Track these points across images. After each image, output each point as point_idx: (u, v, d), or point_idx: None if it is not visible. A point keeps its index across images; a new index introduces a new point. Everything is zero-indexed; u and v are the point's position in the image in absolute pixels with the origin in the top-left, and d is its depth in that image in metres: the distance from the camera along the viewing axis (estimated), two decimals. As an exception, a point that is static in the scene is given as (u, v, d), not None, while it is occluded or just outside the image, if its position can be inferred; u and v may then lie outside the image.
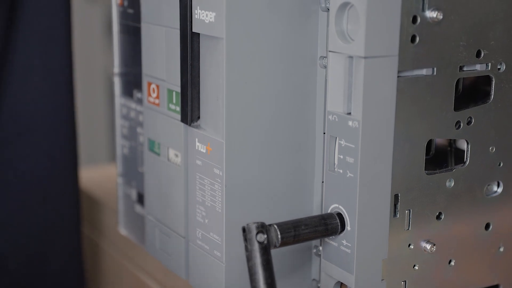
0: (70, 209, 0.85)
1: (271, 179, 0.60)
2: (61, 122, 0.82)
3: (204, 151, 0.60)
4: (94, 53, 2.14)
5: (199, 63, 0.60)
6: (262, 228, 0.53)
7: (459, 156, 0.61)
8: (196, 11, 0.58)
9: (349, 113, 0.54)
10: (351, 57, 0.53)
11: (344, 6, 0.53)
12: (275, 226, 0.54)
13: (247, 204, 0.59)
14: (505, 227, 0.63)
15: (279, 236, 0.54)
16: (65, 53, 0.79)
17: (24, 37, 0.75)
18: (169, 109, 0.64)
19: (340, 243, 0.56)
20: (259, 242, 0.52)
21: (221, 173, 0.58)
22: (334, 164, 0.56)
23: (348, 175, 0.55)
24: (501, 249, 0.63)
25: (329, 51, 0.55)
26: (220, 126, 0.58)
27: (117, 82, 0.74)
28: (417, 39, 0.54)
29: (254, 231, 0.53)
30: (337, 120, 0.55)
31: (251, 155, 0.59)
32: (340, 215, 0.56)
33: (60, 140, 0.82)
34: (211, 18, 0.57)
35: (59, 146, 0.82)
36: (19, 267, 0.83)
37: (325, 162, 0.57)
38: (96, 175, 1.03)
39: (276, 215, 0.60)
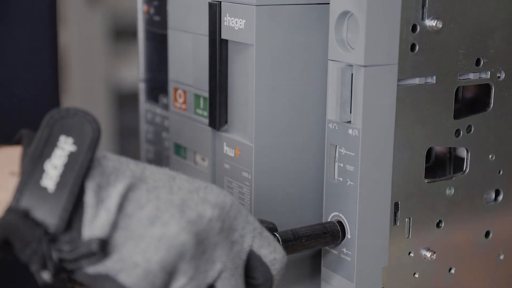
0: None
1: (298, 182, 0.61)
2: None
3: (233, 155, 0.61)
4: (95, 58, 2.14)
5: (227, 69, 0.61)
6: None
7: (458, 164, 0.61)
8: (225, 18, 0.59)
9: (349, 122, 0.54)
10: (351, 65, 0.54)
11: (344, 15, 0.54)
12: (276, 235, 0.54)
13: (275, 206, 0.60)
14: (505, 235, 0.63)
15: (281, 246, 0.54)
16: (51, 52, 0.78)
17: (12, 37, 0.75)
18: (196, 113, 0.65)
19: (340, 251, 0.56)
20: None
21: (249, 176, 0.59)
22: (334, 172, 0.56)
23: (348, 183, 0.55)
24: (501, 257, 0.63)
25: (329, 59, 0.55)
26: (249, 130, 0.59)
27: (142, 88, 0.75)
28: (417, 47, 0.54)
29: None
30: (337, 128, 0.55)
31: (279, 158, 0.60)
32: (340, 223, 0.56)
33: None
34: (241, 25, 0.58)
35: None
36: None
37: (325, 170, 0.57)
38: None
39: (304, 217, 0.61)
